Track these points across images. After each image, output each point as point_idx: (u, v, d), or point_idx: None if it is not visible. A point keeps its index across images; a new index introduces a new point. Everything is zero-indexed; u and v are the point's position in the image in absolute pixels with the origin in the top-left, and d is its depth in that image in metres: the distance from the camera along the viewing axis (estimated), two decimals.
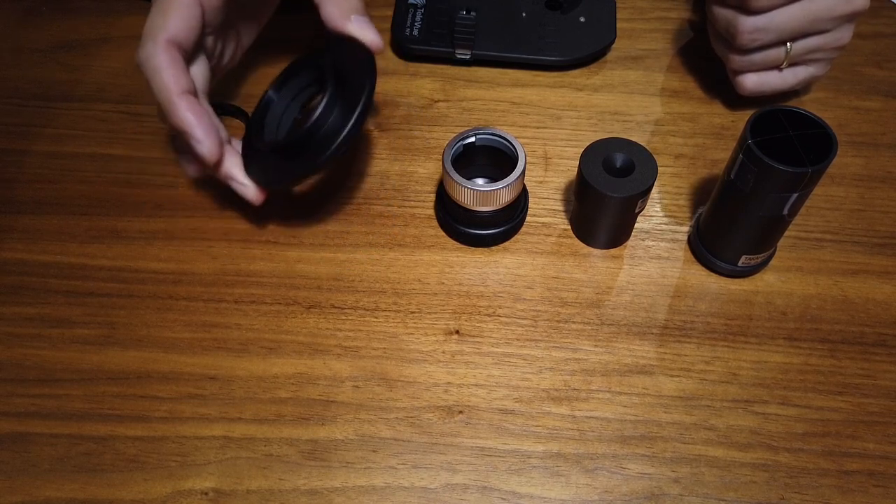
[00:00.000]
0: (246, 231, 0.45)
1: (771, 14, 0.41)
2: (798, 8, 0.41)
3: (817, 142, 0.35)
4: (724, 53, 0.46)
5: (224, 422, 0.38)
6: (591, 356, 0.40)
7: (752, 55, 0.44)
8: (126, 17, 0.57)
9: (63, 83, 0.53)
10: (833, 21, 0.42)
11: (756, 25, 0.41)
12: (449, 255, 0.44)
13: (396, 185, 0.47)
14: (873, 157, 0.48)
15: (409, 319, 0.41)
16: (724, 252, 0.41)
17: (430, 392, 0.39)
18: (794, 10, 0.41)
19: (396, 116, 0.50)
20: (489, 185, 0.40)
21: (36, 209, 0.46)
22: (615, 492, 0.36)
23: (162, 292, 0.43)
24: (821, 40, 0.43)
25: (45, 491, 0.36)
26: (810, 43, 0.43)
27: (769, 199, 0.36)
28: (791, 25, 0.41)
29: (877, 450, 0.37)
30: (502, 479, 0.36)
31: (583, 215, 0.43)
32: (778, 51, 0.43)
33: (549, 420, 0.38)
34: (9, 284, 0.43)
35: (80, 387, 0.39)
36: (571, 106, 0.51)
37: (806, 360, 0.40)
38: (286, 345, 0.41)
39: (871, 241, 0.44)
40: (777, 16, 0.41)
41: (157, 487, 0.36)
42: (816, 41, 0.43)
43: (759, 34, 0.41)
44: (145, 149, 0.49)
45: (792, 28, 0.41)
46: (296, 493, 0.36)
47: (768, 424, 0.38)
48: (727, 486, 0.36)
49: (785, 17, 0.41)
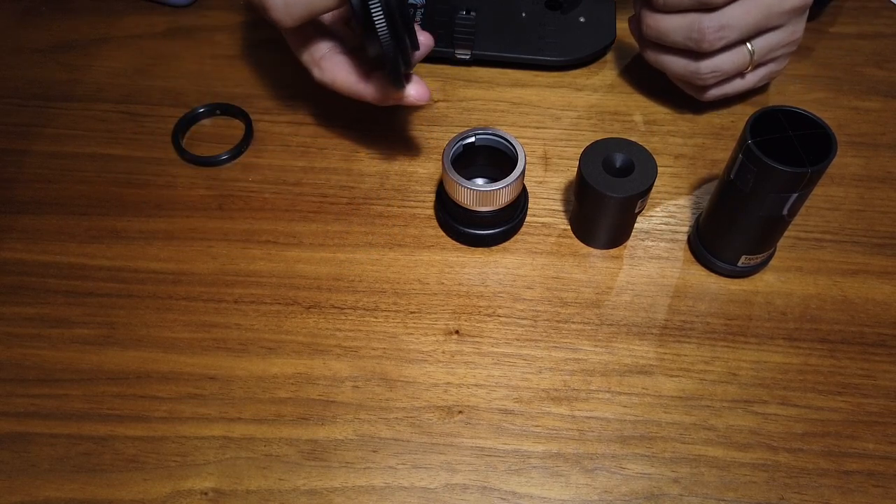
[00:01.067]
0: (246, 231, 0.45)
1: (729, 10, 0.41)
2: (751, 2, 0.42)
3: (817, 142, 0.35)
4: (690, 70, 0.45)
5: (224, 422, 0.38)
6: (591, 356, 0.40)
7: (721, 63, 0.44)
8: (126, 17, 0.57)
9: (63, 83, 0.53)
10: (786, 14, 0.43)
11: (720, 22, 0.42)
12: (449, 255, 0.44)
13: (396, 185, 0.47)
14: (873, 158, 0.48)
15: (408, 319, 0.41)
16: (724, 252, 0.41)
17: (430, 392, 0.39)
18: (748, 4, 0.42)
19: (397, 116, 0.50)
20: (489, 185, 0.40)
21: (36, 209, 0.46)
22: (615, 492, 0.36)
23: (161, 292, 0.43)
24: (778, 36, 0.44)
25: (44, 491, 0.36)
26: (770, 40, 0.44)
27: (769, 200, 0.36)
28: (748, 20, 0.42)
29: (876, 450, 0.37)
30: (502, 480, 0.36)
31: (583, 215, 0.43)
32: (742, 55, 0.44)
33: (548, 420, 0.38)
34: (8, 284, 0.43)
35: (80, 387, 0.39)
36: (571, 106, 0.51)
37: (806, 360, 0.40)
38: (286, 345, 0.41)
39: (870, 242, 0.44)
40: (734, 10, 0.42)
41: (156, 487, 0.36)
42: (775, 38, 0.44)
43: (725, 31, 0.42)
44: (145, 149, 0.49)
45: (749, 22, 0.42)
46: (295, 493, 0.36)
47: (768, 424, 0.38)
48: (727, 486, 0.36)
49: (741, 11, 0.42)
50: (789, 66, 0.53)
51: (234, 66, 0.54)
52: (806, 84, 0.52)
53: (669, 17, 0.43)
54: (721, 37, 0.42)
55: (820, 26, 0.55)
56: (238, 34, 0.56)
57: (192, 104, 0.51)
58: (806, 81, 0.52)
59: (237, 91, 0.52)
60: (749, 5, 0.42)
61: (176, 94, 0.52)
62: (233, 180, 0.47)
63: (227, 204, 0.46)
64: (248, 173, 0.48)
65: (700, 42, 0.42)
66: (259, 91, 0.52)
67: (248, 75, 0.53)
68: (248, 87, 0.52)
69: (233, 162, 0.48)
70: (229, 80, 0.53)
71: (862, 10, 0.56)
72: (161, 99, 0.52)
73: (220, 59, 0.54)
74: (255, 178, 0.47)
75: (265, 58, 0.54)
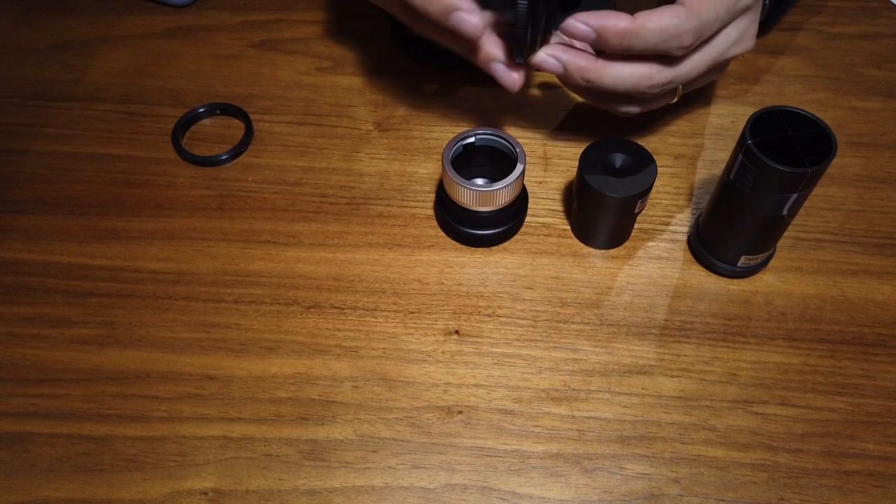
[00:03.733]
0: (245, 231, 0.45)
1: (680, 66, 0.40)
2: (699, 55, 0.40)
3: (817, 142, 0.35)
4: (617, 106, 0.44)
5: (223, 422, 0.38)
6: (591, 356, 0.40)
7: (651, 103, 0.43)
8: (126, 17, 0.57)
9: (63, 83, 0.53)
10: (724, 63, 0.42)
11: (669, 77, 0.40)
12: (448, 255, 0.44)
13: (396, 185, 0.47)
14: (873, 158, 0.48)
15: (408, 319, 0.41)
16: (724, 252, 0.41)
17: (430, 392, 0.39)
18: (696, 57, 0.40)
19: (396, 116, 0.50)
20: (489, 185, 0.40)
21: (35, 209, 0.46)
22: (614, 492, 0.36)
23: (161, 292, 0.43)
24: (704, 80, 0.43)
25: (44, 491, 0.36)
26: (697, 83, 0.43)
27: (768, 200, 0.36)
28: (696, 71, 0.41)
29: (876, 450, 0.37)
30: (502, 480, 0.36)
31: (582, 215, 0.43)
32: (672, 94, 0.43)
33: (548, 420, 0.38)
34: (8, 284, 0.43)
35: (80, 387, 0.39)
36: (571, 106, 0.51)
37: (805, 360, 0.40)
38: (285, 345, 0.41)
39: (870, 242, 0.44)
40: (686, 66, 0.40)
41: (156, 487, 0.36)
42: (702, 81, 0.43)
43: (671, 84, 0.41)
44: (145, 149, 0.49)
45: (696, 73, 0.41)
46: (295, 493, 0.36)
47: (767, 425, 0.38)
48: (726, 487, 0.36)
49: (690, 66, 0.40)
50: (789, 66, 0.53)
51: (234, 66, 0.54)
52: (806, 84, 0.52)
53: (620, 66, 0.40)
54: (666, 87, 0.41)
55: (820, 26, 0.55)
56: (238, 34, 0.56)
57: (192, 104, 0.51)
58: (806, 81, 0.52)
59: (237, 91, 0.52)
60: (700, 58, 0.40)
61: (176, 93, 0.52)
62: (232, 180, 0.47)
63: (226, 204, 0.46)
64: (248, 173, 0.48)
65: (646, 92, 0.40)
66: (259, 91, 0.52)
67: (248, 75, 0.53)
68: (248, 87, 0.52)
69: (233, 162, 0.48)
70: (229, 80, 0.53)
71: (862, 10, 0.56)
72: (161, 99, 0.52)
73: (220, 59, 0.54)
74: (254, 178, 0.48)
75: (265, 58, 0.54)
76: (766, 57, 0.53)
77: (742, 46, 0.42)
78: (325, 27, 0.56)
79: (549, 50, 0.40)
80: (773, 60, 0.53)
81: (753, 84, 0.52)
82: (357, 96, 0.52)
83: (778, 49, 0.54)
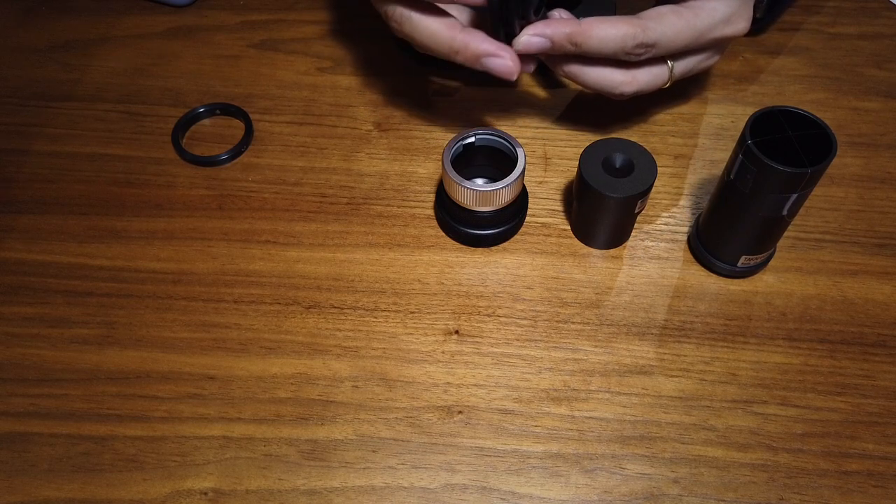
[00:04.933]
0: (245, 231, 0.45)
1: (663, 27, 0.40)
2: (682, 21, 0.40)
3: (817, 142, 0.35)
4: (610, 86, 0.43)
5: (223, 422, 0.38)
6: (591, 356, 0.40)
7: (641, 78, 0.43)
8: (126, 16, 0.57)
9: (62, 83, 0.53)
10: (713, 41, 0.42)
11: (653, 38, 0.40)
12: (448, 255, 0.44)
13: (396, 185, 0.47)
14: (873, 158, 0.48)
15: (408, 319, 0.41)
16: (724, 252, 0.41)
17: (430, 392, 0.39)
18: (680, 23, 0.40)
19: (396, 116, 0.51)
20: (489, 185, 0.40)
21: (35, 209, 0.46)
22: (614, 492, 0.36)
23: (161, 292, 0.43)
24: (696, 60, 0.43)
25: (44, 491, 0.36)
26: (689, 63, 0.43)
27: (768, 200, 0.36)
28: (680, 38, 0.41)
29: (876, 450, 0.37)
30: (501, 480, 0.36)
31: (582, 215, 0.43)
32: (662, 71, 0.43)
33: (548, 420, 0.38)
34: (8, 284, 0.43)
35: (79, 386, 0.39)
36: (571, 106, 0.51)
37: (805, 360, 0.40)
38: (285, 345, 0.41)
39: (870, 242, 0.44)
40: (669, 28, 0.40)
41: (156, 487, 0.36)
42: (694, 61, 0.43)
43: (657, 47, 0.41)
44: (145, 149, 0.49)
45: (681, 41, 0.41)
46: (295, 493, 0.36)
47: (767, 425, 0.38)
48: (726, 487, 0.36)
49: (674, 31, 0.40)
50: (789, 66, 0.53)
51: (234, 66, 0.54)
52: (806, 84, 0.52)
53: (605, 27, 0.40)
54: (652, 52, 0.41)
55: (820, 26, 0.55)
56: (238, 34, 0.56)
57: (192, 104, 0.51)
58: (806, 81, 0.52)
59: (237, 91, 0.52)
60: (685, 24, 0.41)
61: (176, 93, 0.52)
62: (233, 180, 0.47)
63: (226, 204, 0.46)
64: (248, 173, 0.48)
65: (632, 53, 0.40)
66: (259, 91, 0.52)
67: (248, 75, 0.53)
68: (248, 87, 0.52)
69: (233, 162, 0.48)
70: (229, 80, 0.53)
71: (862, 10, 0.56)
72: (161, 99, 0.52)
73: (220, 59, 0.54)
74: (254, 178, 0.48)
75: (265, 58, 0.54)
76: (766, 57, 0.54)
77: (733, 27, 0.42)
78: (326, 27, 0.56)
79: (531, 30, 0.40)
80: (772, 60, 0.53)
81: (753, 84, 0.52)
82: (357, 96, 0.52)
83: (777, 49, 0.54)
